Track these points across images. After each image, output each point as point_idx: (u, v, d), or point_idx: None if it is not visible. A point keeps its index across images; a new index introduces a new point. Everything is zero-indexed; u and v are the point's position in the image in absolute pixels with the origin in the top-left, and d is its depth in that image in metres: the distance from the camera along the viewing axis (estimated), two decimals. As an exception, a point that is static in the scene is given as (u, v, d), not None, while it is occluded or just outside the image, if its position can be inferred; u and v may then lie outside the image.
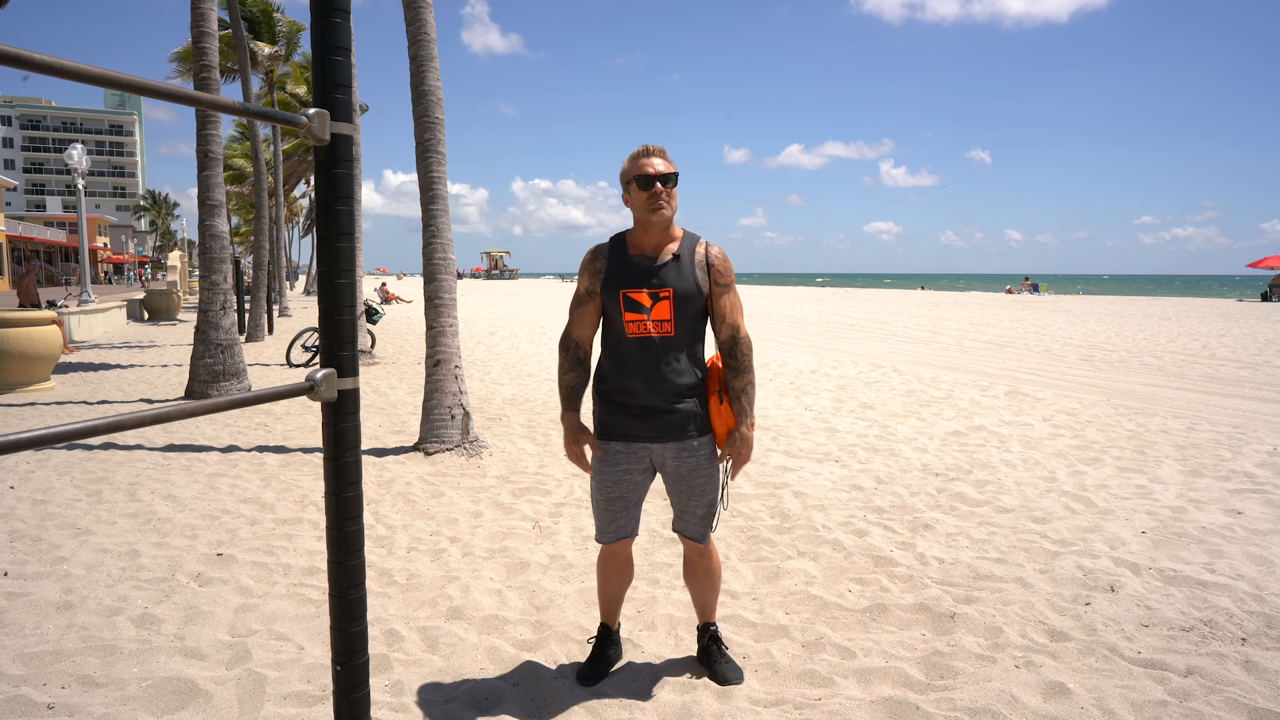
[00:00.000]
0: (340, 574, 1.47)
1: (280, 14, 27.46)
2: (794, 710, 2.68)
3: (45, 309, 14.50)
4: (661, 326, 2.56)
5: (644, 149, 2.58)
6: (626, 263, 2.60)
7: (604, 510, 2.73)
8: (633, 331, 2.57)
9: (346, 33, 1.43)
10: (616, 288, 2.59)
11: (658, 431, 2.61)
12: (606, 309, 2.64)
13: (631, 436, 2.63)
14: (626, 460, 2.66)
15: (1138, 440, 6.67)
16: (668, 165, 2.56)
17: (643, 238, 2.62)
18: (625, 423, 2.63)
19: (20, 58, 0.95)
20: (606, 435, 2.68)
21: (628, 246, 2.63)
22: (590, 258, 2.67)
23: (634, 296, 2.56)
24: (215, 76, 9.01)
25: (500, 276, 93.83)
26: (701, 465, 2.67)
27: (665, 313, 2.56)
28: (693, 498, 2.71)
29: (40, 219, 61.20)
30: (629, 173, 2.59)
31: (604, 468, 2.69)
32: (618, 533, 2.75)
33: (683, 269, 2.58)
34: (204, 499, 5.06)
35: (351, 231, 1.46)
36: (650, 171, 2.53)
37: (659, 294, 2.55)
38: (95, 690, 2.77)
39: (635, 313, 2.56)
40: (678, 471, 2.67)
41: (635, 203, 2.58)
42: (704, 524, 2.76)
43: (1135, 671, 2.88)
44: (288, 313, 25.34)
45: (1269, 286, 37.00)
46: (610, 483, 2.69)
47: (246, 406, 2.22)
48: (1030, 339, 16.64)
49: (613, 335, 2.64)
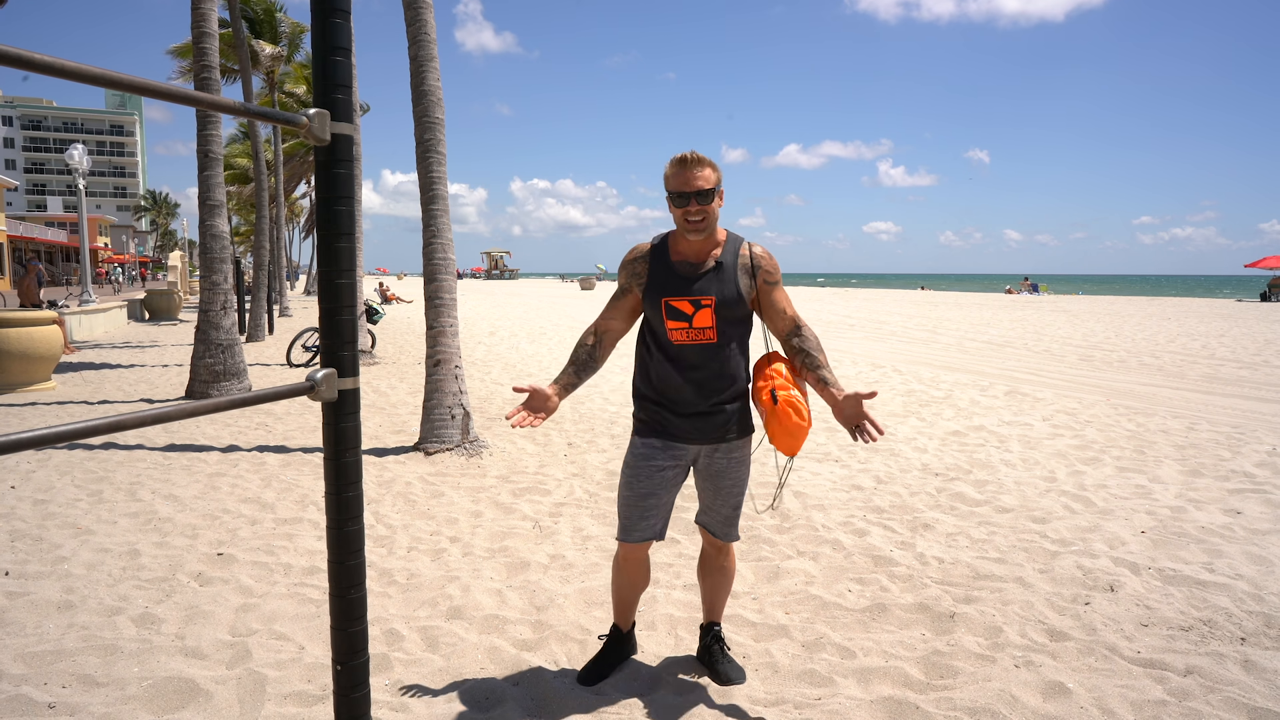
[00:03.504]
0: (340, 574, 1.47)
1: (283, 14, 27.45)
2: (794, 710, 2.68)
3: (46, 309, 14.50)
4: (704, 334, 2.55)
5: (681, 159, 2.48)
6: (668, 270, 2.57)
7: (633, 507, 2.66)
8: (676, 339, 2.56)
9: (347, 33, 1.43)
10: (659, 295, 2.56)
11: (699, 432, 2.61)
12: (648, 315, 2.63)
13: (672, 435, 2.62)
14: (662, 457, 2.64)
15: (1137, 440, 6.67)
16: (706, 179, 2.46)
17: (685, 245, 2.58)
18: (667, 423, 2.61)
19: (20, 58, 0.95)
20: (646, 432, 2.66)
21: (670, 253, 2.60)
22: (631, 258, 2.64)
23: (676, 305, 2.55)
24: (216, 77, 9.01)
25: (500, 276, 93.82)
26: (734, 467, 2.67)
27: (708, 320, 2.54)
28: (719, 496, 2.70)
29: (41, 219, 61.24)
30: (667, 183, 2.51)
31: (639, 462, 2.65)
32: (645, 533, 2.68)
33: (724, 276, 2.55)
34: (205, 499, 5.06)
35: (352, 231, 1.46)
36: (685, 189, 2.46)
37: (701, 301, 2.53)
38: (96, 690, 2.77)
39: (678, 320, 2.55)
40: (709, 469, 2.67)
41: (674, 215, 2.54)
42: (727, 523, 2.75)
43: (1135, 671, 2.89)
44: (288, 313, 25.34)
45: (1268, 286, 36.99)
46: (644, 477, 2.64)
47: (247, 406, 2.23)
48: (1030, 339, 16.64)
49: (655, 342, 2.62)
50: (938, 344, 15.75)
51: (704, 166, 2.47)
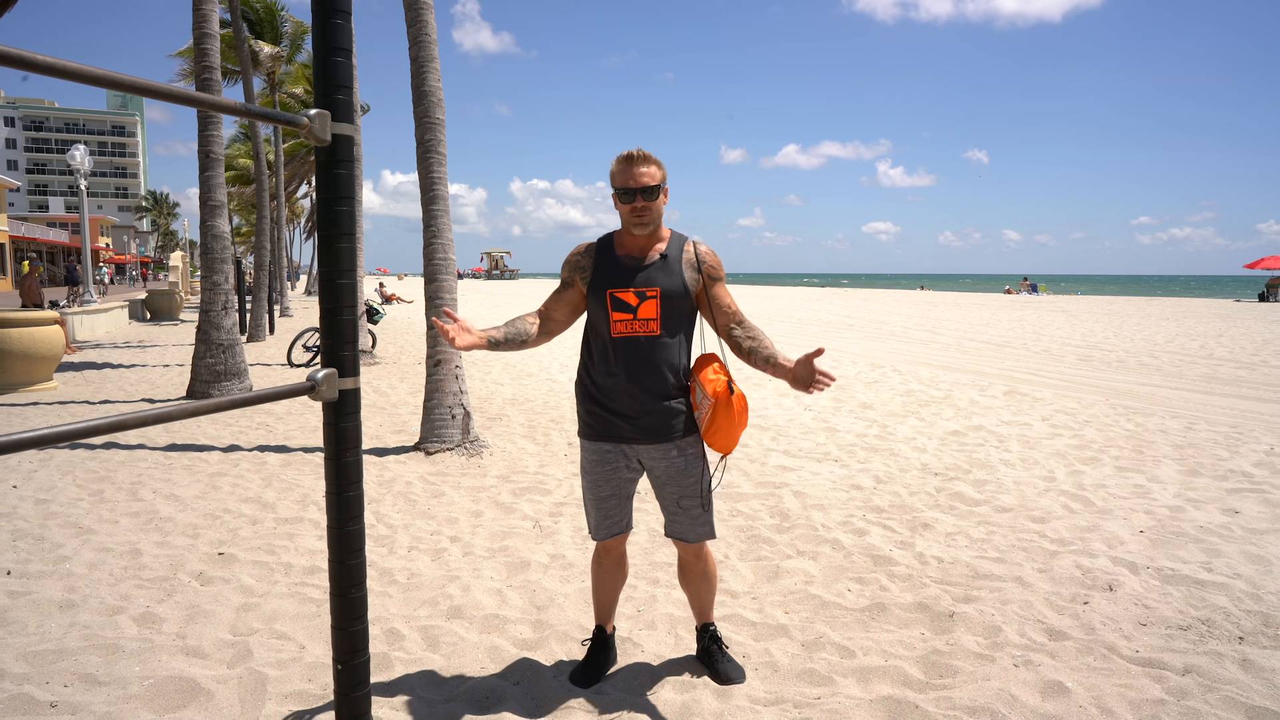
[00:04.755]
0: (341, 573, 1.48)
1: (285, 13, 27.43)
2: (794, 709, 2.69)
3: (48, 309, 14.52)
4: (648, 326, 2.56)
5: (627, 156, 2.55)
6: (613, 263, 2.61)
7: (596, 508, 2.74)
8: (619, 331, 2.57)
9: (348, 34, 1.44)
10: (603, 287, 2.59)
11: (644, 432, 2.61)
12: (592, 310, 2.64)
13: (619, 438, 2.64)
14: (616, 459, 2.68)
15: (1136, 440, 6.68)
16: (651, 176, 2.52)
17: (630, 240, 2.63)
18: (612, 424, 2.63)
19: (21, 58, 0.96)
20: (594, 436, 2.68)
21: (615, 247, 2.64)
22: (577, 253, 2.69)
23: (621, 296, 2.57)
24: (217, 77, 9.03)
25: (501, 277, 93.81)
26: (690, 465, 2.67)
27: (652, 312, 2.56)
28: (683, 498, 2.70)
29: (43, 219, 61.27)
30: (613, 180, 2.58)
31: (595, 467, 2.70)
32: (612, 528, 2.76)
33: (670, 268, 2.59)
34: (206, 498, 5.07)
35: (352, 232, 1.47)
36: (631, 185, 2.52)
37: (646, 293, 2.56)
38: (97, 689, 2.78)
39: (622, 312, 2.57)
40: (666, 473, 2.67)
41: (619, 210, 2.60)
42: (697, 524, 2.73)
43: (1133, 670, 2.89)
44: (289, 313, 25.36)
45: (1266, 287, 36.96)
46: (601, 482, 2.71)
47: (248, 406, 2.23)
48: (1029, 339, 16.64)
49: (598, 336, 2.64)
50: (937, 344, 15.75)
51: (649, 164, 2.53)
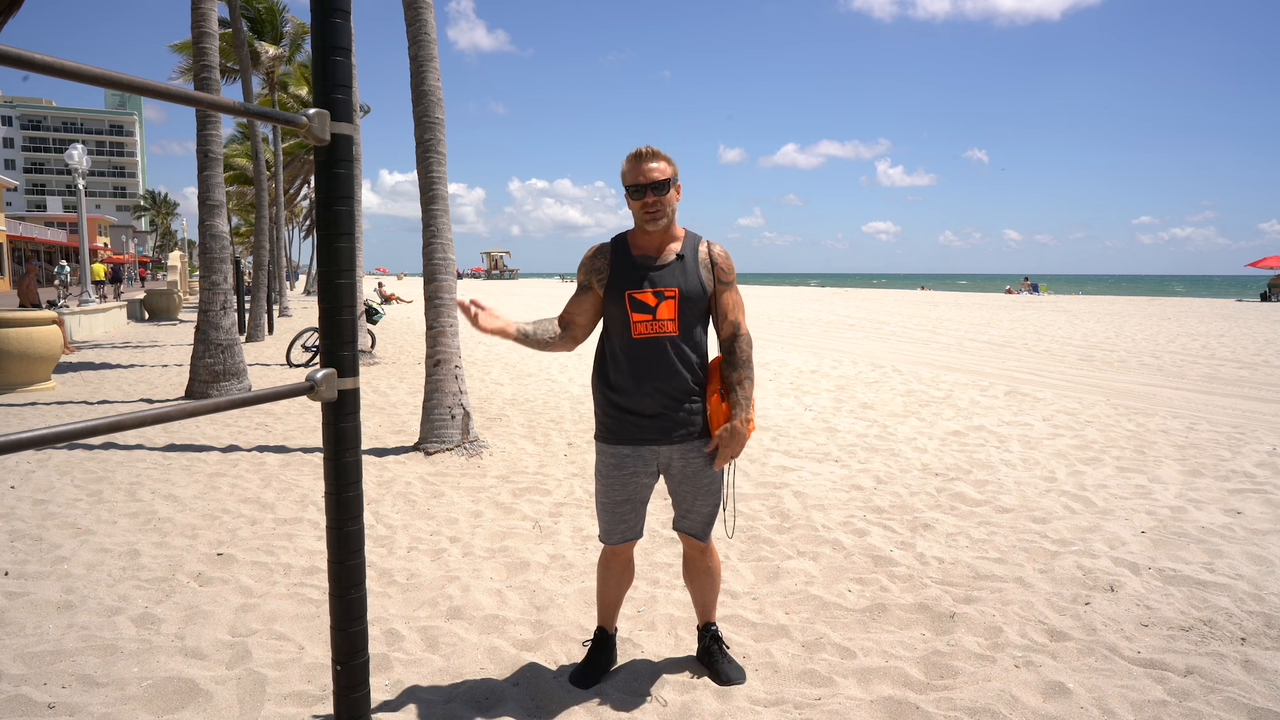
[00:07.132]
0: (340, 574, 1.47)
1: (286, 13, 27.41)
2: (794, 710, 2.68)
3: (45, 309, 14.50)
4: (666, 326, 2.56)
5: (636, 153, 2.56)
6: (630, 264, 2.60)
7: (610, 513, 2.72)
8: (640, 332, 2.56)
9: (347, 33, 1.43)
10: (621, 289, 2.58)
11: (664, 433, 2.61)
12: (609, 311, 2.63)
13: (640, 440, 2.63)
14: (634, 463, 2.66)
15: (1137, 440, 6.67)
16: (661, 170, 2.53)
17: (644, 239, 2.62)
18: (632, 426, 2.62)
19: (20, 58, 0.95)
20: (614, 439, 2.66)
21: (630, 247, 2.63)
22: (591, 255, 2.67)
23: (639, 297, 2.56)
24: (216, 77, 9.01)
25: (500, 277, 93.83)
26: (708, 465, 2.67)
27: (670, 312, 2.56)
28: (699, 497, 2.71)
29: (41, 219, 61.21)
30: (624, 178, 2.58)
31: (612, 471, 2.67)
32: (625, 534, 2.74)
33: (687, 269, 2.59)
34: (204, 499, 5.06)
35: (352, 232, 1.46)
36: (641, 181, 2.52)
37: (664, 293, 2.56)
38: (96, 690, 2.77)
39: (642, 313, 2.56)
40: (684, 472, 2.67)
41: (631, 209, 2.59)
42: (708, 523, 2.76)
43: (1135, 671, 2.88)
44: (288, 313, 25.34)
45: (1268, 286, 36.97)
46: (618, 486, 2.68)
47: (247, 406, 2.23)
48: (1030, 339, 16.64)
49: (617, 338, 2.63)
50: (937, 344, 15.74)
51: (659, 159, 2.54)
